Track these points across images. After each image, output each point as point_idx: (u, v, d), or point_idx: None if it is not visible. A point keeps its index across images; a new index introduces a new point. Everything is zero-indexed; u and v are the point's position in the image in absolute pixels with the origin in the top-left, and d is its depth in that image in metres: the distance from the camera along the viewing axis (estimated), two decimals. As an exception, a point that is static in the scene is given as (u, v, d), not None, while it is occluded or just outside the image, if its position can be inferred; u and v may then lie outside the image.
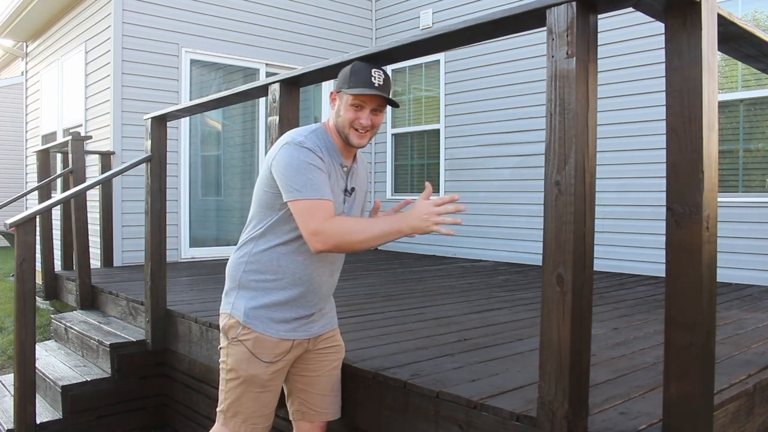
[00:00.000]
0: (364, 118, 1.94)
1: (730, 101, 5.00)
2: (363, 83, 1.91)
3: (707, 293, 1.46)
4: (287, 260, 1.99)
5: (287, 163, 1.88)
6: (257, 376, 2.00)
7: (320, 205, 1.85)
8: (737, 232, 4.83)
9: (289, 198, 1.87)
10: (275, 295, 2.00)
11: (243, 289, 2.03)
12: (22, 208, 8.04)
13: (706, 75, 1.46)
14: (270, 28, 7.00)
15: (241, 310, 2.00)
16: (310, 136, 1.94)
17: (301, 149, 1.88)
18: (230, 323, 2.02)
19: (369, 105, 1.95)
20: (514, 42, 6.13)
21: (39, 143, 8.16)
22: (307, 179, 1.85)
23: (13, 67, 14.74)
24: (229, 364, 2.03)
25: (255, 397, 2.02)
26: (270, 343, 1.99)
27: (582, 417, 1.58)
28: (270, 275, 2.00)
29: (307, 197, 1.84)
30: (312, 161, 1.87)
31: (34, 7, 7.39)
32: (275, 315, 2.00)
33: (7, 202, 5.71)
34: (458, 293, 4.40)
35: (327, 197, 1.87)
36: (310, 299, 2.05)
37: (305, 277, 2.02)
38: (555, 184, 1.54)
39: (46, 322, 5.55)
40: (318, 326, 2.12)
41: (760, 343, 2.77)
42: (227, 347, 2.04)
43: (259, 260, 2.01)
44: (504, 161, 6.52)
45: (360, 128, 1.95)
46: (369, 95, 1.93)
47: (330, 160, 1.96)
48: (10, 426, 3.24)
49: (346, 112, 1.95)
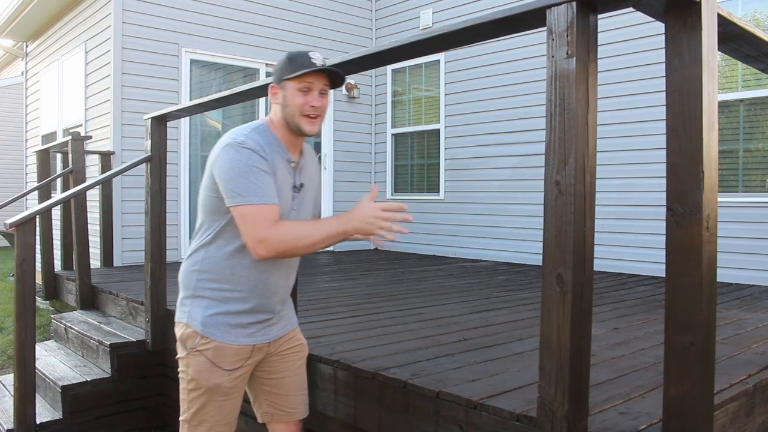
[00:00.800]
0: (314, 99, 1.90)
1: (730, 101, 5.00)
2: (305, 66, 1.88)
3: (707, 293, 1.46)
4: (240, 268, 1.94)
5: (229, 167, 1.82)
6: (220, 385, 1.95)
7: (264, 211, 1.80)
8: (737, 232, 4.83)
9: (232, 203, 1.82)
10: (232, 304, 1.95)
11: (198, 297, 1.97)
12: (22, 208, 8.04)
13: (706, 75, 1.46)
14: (270, 28, 7.00)
15: (198, 319, 1.94)
16: (252, 135, 1.88)
17: (242, 150, 1.82)
18: (187, 333, 1.96)
19: (316, 86, 1.91)
20: (514, 42, 6.13)
21: (39, 143, 8.16)
22: (250, 183, 1.80)
23: (13, 67, 14.74)
24: (190, 375, 1.97)
25: (219, 406, 1.97)
26: (230, 350, 1.94)
27: (582, 417, 1.58)
28: (225, 284, 1.95)
29: (250, 202, 1.79)
30: (254, 163, 1.82)
31: (34, 7, 7.39)
32: (233, 321, 1.95)
33: (7, 202, 5.71)
34: (458, 293, 4.40)
35: (271, 201, 1.82)
36: (268, 304, 2.01)
37: (260, 284, 1.97)
38: (555, 184, 1.54)
39: (46, 322, 5.55)
40: (277, 329, 2.08)
41: (760, 343, 2.77)
42: (186, 357, 1.97)
43: (212, 269, 1.95)
44: (504, 161, 6.52)
45: (312, 113, 1.91)
46: (315, 75, 1.89)
47: (275, 158, 1.90)
48: (10, 426, 3.24)
49: (293, 98, 1.89)
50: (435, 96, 7.30)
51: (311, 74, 1.89)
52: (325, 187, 7.65)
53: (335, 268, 6.07)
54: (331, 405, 2.47)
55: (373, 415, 2.28)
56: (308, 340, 2.78)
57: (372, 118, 8.02)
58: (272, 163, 1.88)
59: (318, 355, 2.55)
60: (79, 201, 4.92)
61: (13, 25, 8.11)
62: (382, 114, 7.91)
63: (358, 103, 7.86)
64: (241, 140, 1.85)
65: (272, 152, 1.90)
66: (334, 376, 2.45)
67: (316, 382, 2.54)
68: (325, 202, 7.62)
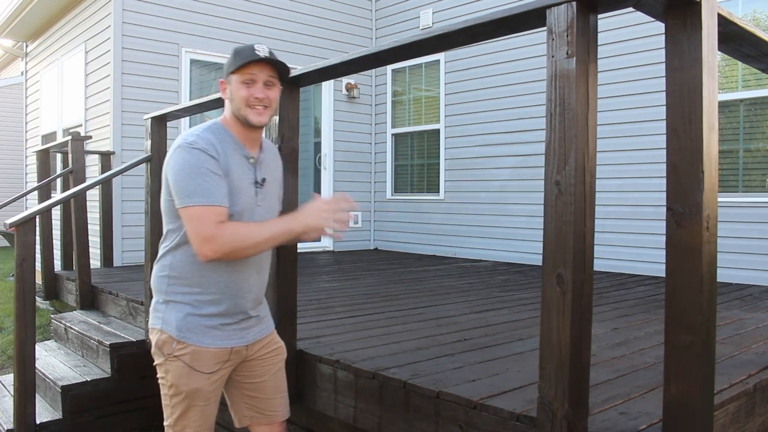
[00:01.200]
0: (258, 91, 1.91)
1: (730, 101, 5.00)
2: (247, 57, 1.89)
3: (707, 293, 1.46)
4: (209, 270, 1.91)
5: (178, 168, 1.82)
6: (200, 390, 1.93)
7: (209, 212, 1.79)
8: (737, 232, 4.83)
9: (180, 205, 1.82)
10: (205, 307, 1.93)
11: (171, 302, 1.95)
12: (22, 208, 8.04)
13: (706, 75, 1.46)
14: (270, 28, 6.99)
15: (173, 324, 1.92)
16: (203, 135, 1.87)
17: (191, 151, 1.82)
18: (163, 339, 1.93)
19: (260, 78, 1.91)
20: (514, 42, 6.13)
21: (39, 143, 8.16)
22: (196, 184, 1.79)
23: (13, 67, 14.74)
24: (170, 381, 1.94)
25: (200, 411, 1.96)
26: (207, 354, 1.92)
27: (582, 417, 1.58)
28: (195, 287, 1.93)
29: (195, 203, 1.79)
30: (202, 163, 1.81)
31: (34, 7, 7.39)
32: (208, 323, 1.93)
33: (7, 202, 5.71)
34: (458, 293, 4.40)
35: (218, 203, 1.81)
36: (242, 304, 1.98)
37: (231, 284, 1.94)
38: (555, 184, 1.54)
39: (46, 322, 5.55)
40: (254, 332, 2.05)
41: (760, 343, 2.77)
42: (164, 363, 1.94)
43: (181, 272, 1.93)
44: (504, 161, 6.52)
45: (256, 103, 1.91)
46: (258, 66, 1.90)
47: (230, 155, 1.89)
48: (10, 426, 3.24)
49: (237, 92, 1.90)
50: (435, 96, 7.30)
51: (254, 66, 1.90)
52: (325, 187, 7.65)
53: (335, 268, 6.07)
54: (331, 405, 2.47)
55: (373, 415, 2.28)
56: (308, 340, 2.79)
57: (372, 118, 8.02)
58: (225, 161, 1.87)
59: (318, 355, 2.55)
60: (79, 201, 4.93)
61: (13, 25, 8.11)
62: (382, 114, 7.91)
63: (358, 103, 7.86)
64: (191, 141, 1.85)
65: (226, 150, 1.90)
66: (334, 376, 2.45)
67: (316, 382, 2.54)
68: (325, 202, 7.61)
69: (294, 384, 2.61)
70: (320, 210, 1.86)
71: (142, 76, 6.17)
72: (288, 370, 2.59)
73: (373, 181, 8.00)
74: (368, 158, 8.01)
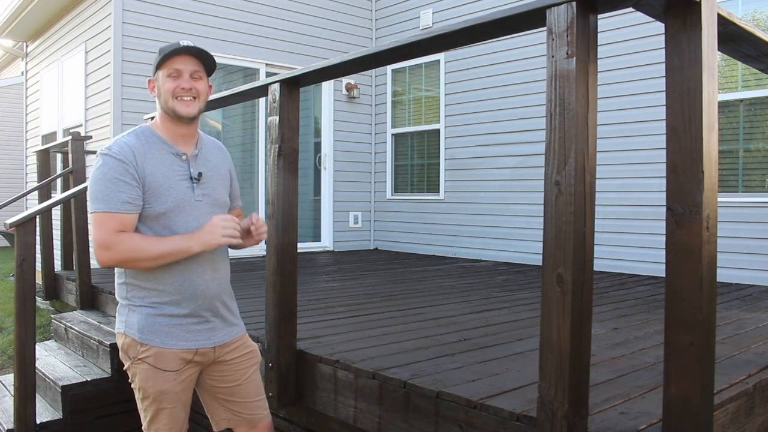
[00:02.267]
0: (184, 82, 1.93)
1: (730, 101, 5.00)
2: (171, 49, 1.93)
3: (707, 293, 1.46)
4: (161, 271, 1.92)
5: (92, 175, 1.89)
6: (167, 391, 1.94)
7: (107, 218, 1.83)
8: (737, 232, 4.83)
9: (89, 210, 1.88)
10: (165, 308, 1.94)
11: (132, 306, 1.96)
12: (22, 208, 8.04)
13: (706, 75, 1.46)
14: (270, 28, 7.00)
15: (135, 327, 1.94)
16: (122, 140, 1.92)
17: (102, 158, 1.87)
18: (127, 342, 1.96)
19: (186, 70, 1.94)
20: (514, 42, 6.13)
21: (39, 143, 8.17)
22: (98, 191, 1.84)
23: (13, 67, 14.73)
24: (138, 384, 1.96)
25: (170, 413, 1.96)
26: (171, 355, 1.93)
27: (582, 417, 1.58)
28: (152, 291, 1.94)
29: (96, 210, 1.84)
30: (109, 170, 1.85)
31: (34, 7, 7.39)
32: (170, 323, 1.94)
33: (7, 202, 5.71)
34: (458, 293, 4.40)
35: (116, 209, 1.83)
36: (202, 302, 1.98)
37: (186, 282, 1.95)
38: (555, 184, 1.54)
39: (46, 322, 5.55)
40: (221, 334, 2.05)
41: (760, 343, 2.77)
42: (131, 367, 1.97)
43: (136, 278, 1.95)
44: (504, 161, 6.52)
45: (183, 94, 1.93)
46: (182, 58, 1.93)
47: (154, 156, 1.92)
48: (10, 426, 3.24)
49: (164, 85, 1.94)
50: (435, 96, 7.30)
51: (177, 58, 1.93)
52: (326, 187, 7.65)
53: (335, 268, 6.07)
54: (331, 405, 2.47)
55: (373, 415, 2.28)
56: (308, 340, 2.79)
57: (372, 118, 8.02)
58: (143, 163, 1.90)
59: (318, 355, 2.55)
60: (79, 201, 4.92)
61: (13, 26, 8.11)
62: (382, 114, 7.91)
63: (358, 103, 7.86)
64: (107, 148, 1.90)
65: (149, 151, 1.92)
66: (334, 376, 2.45)
67: (316, 382, 2.54)
68: (325, 202, 7.63)
69: (294, 384, 2.62)
70: (215, 228, 1.91)
71: (142, 76, 6.16)
72: (288, 370, 2.60)
73: (373, 181, 8.00)
74: (368, 158, 8.01)
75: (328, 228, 7.67)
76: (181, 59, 1.94)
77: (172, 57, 1.93)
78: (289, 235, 2.57)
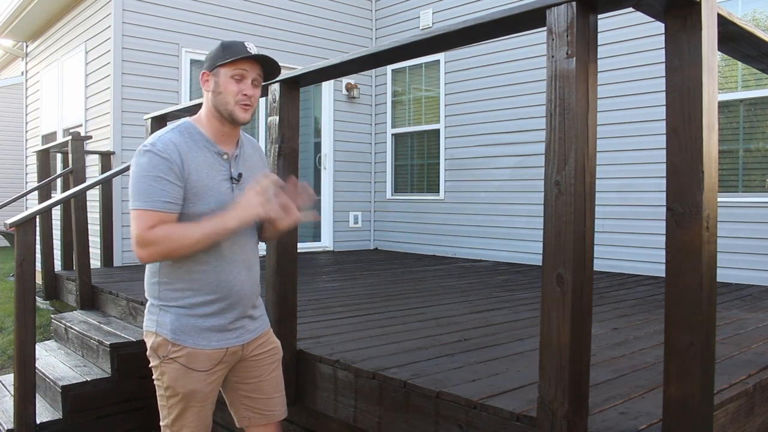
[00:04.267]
0: (247, 88, 1.91)
1: (730, 101, 5.00)
2: (240, 53, 1.89)
3: (707, 293, 1.46)
4: (197, 271, 1.91)
5: (132, 171, 1.85)
6: (197, 391, 1.93)
7: (147, 216, 1.80)
8: (737, 232, 4.83)
9: (130, 206, 1.85)
10: (199, 308, 1.93)
11: (165, 305, 1.94)
12: (22, 208, 8.04)
13: (706, 75, 1.46)
14: (270, 28, 6.99)
15: (168, 327, 1.92)
16: (165, 136, 1.88)
17: (144, 155, 1.83)
18: (158, 341, 1.93)
19: (250, 75, 1.92)
20: (514, 42, 6.13)
21: (39, 143, 8.17)
22: (139, 188, 1.82)
23: (13, 67, 14.73)
24: (166, 383, 1.94)
25: (197, 412, 1.96)
26: (203, 355, 1.92)
27: (582, 417, 1.58)
28: (187, 290, 1.92)
29: (135, 207, 1.82)
30: (153, 167, 1.81)
31: (34, 7, 7.39)
32: (203, 325, 1.93)
33: (7, 202, 5.71)
34: (458, 293, 4.40)
35: (158, 208, 1.80)
36: (236, 302, 1.98)
37: (222, 282, 1.94)
38: (555, 184, 1.54)
39: (46, 322, 5.55)
40: (249, 331, 2.05)
41: (760, 343, 2.77)
42: (160, 366, 1.94)
43: (170, 276, 1.93)
44: (504, 161, 6.52)
45: (245, 100, 1.91)
46: (249, 63, 1.90)
47: (197, 154, 1.89)
48: (10, 426, 3.24)
49: (226, 86, 1.90)
50: (435, 96, 7.30)
51: (245, 62, 1.90)
52: (326, 187, 7.65)
53: (335, 268, 6.07)
54: (331, 405, 2.47)
55: (373, 415, 2.28)
56: (308, 340, 2.79)
57: (372, 118, 8.02)
58: (188, 162, 1.86)
59: (318, 355, 2.55)
60: (79, 201, 4.92)
61: (13, 25, 8.11)
62: (382, 114, 7.91)
63: (358, 103, 7.86)
64: (150, 144, 1.85)
65: (193, 149, 1.89)
66: (334, 376, 2.45)
67: (316, 382, 2.54)
68: (325, 202, 7.63)
69: (294, 384, 2.62)
70: (250, 201, 1.84)
71: (142, 76, 6.17)
72: (288, 370, 2.59)
73: (373, 181, 8.00)
74: (368, 158, 8.01)
75: (328, 228, 7.67)
76: (249, 63, 1.91)
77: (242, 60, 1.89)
78: (289, 235, 2.57)
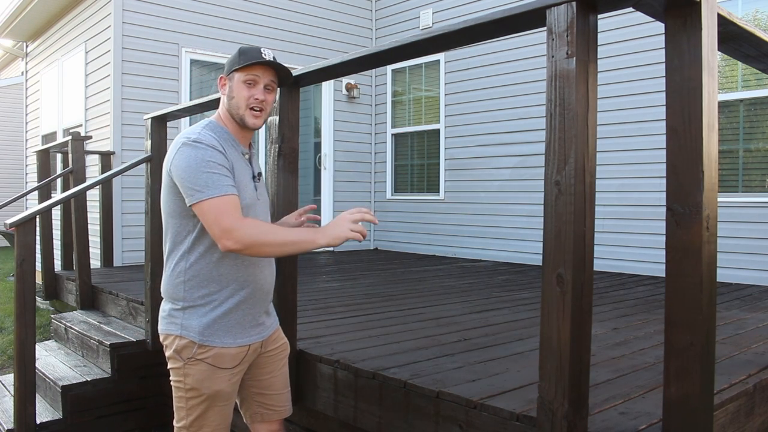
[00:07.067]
0: (258, 93, 1.93)
1: (730, 101, 5.00)
2: (254, 58, 1.92)
3: (707, 293, 1.46)
4: (225, 266, 1.92)
5: (186, 165, 1.81)
6: (221, 391, 1.93)
7: (228, 202, 1.79)
8: (737, 232, 4.83)
9: (193, 201, 1.80)
10: (225, 305, 1.93)
11: (190, 308, 1.92)
12: (22, 208, 8.04)
13: (706, 75, 1.46)
14: (270, 28, 6.99)
15: (195, 329, 1.90)
16: (204, 132, 1.88)
17: (198, 147, 1.82)
18: (183, 344, 1.91)
19: (262, 80, 1.94)
20: (514, 42, 6.13)
21: (39, 143, 8.16)
22: (208, 177, 1.79)
23: (13, 67, 14.74)
24: (189, 384, 1.92)
25: (220, 411, 1.96)
26: (228, 355, 1.93)
27: (582, 417, 1.58)
28: (214, 288, 1.92)
29: (210, 196, 1.78)
30: (211, 158, 1.82)
31: (34, 7, 7.39)
32: (230, 323, 1.94)
33: (7, 202, 5.70)
34: (458, 293, 4.40)
35: (230, 192, 1.81)
36: (258, 297, 2.01)
37: (249, 277, 1.96)
38: (555, 184, 1.54)
39: (46, 322, 5.55)
40: (267, 328, 2.08)
41: (760, 343, 2.77)
42: (183, 367, 1.92)
43: (198, 274, 1.92)
44: (504, 161, 6.52)
45: (256, 105, 1.93)
46: (262, 68, 1.93)
47: (230, 151, 1.91)
48: (10, 426, 3.24)
49: (239, 91, 1.93)
50: (435, 96, 7.30)
51: (258, 67, 1.93)
52: (325, 187, 7.65)
53: (335, 268, 6.07)
54: (331, 405, 2.47)
55: (373, 415, 2.28)
56: (308, 340, 2.79)
57: (372, 118, 8.02)
58: (229, 156, 1.89)
59: (318, 355, 2.55)
60: (79, 201, 4.92)
61: (13, 25, 8.11)
62: (382, 114, 7.91)
63: (358, 103, 7.86)
64: (194, 137, 1.85)
65: (227, 146, 1.91)
66: (334, 376, 2.45)
67: (316, 382, 2.55)
68: (325, 202, 7.63)
69: (294, 384, 2.62)
70: (343, 224, 1.86)
71: (142, 76, 6.17)
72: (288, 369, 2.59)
73: (373, 181, 8.00)
74: (368, 158, 8.01)
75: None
76: (261, 68, 1.94)
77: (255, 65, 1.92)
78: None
